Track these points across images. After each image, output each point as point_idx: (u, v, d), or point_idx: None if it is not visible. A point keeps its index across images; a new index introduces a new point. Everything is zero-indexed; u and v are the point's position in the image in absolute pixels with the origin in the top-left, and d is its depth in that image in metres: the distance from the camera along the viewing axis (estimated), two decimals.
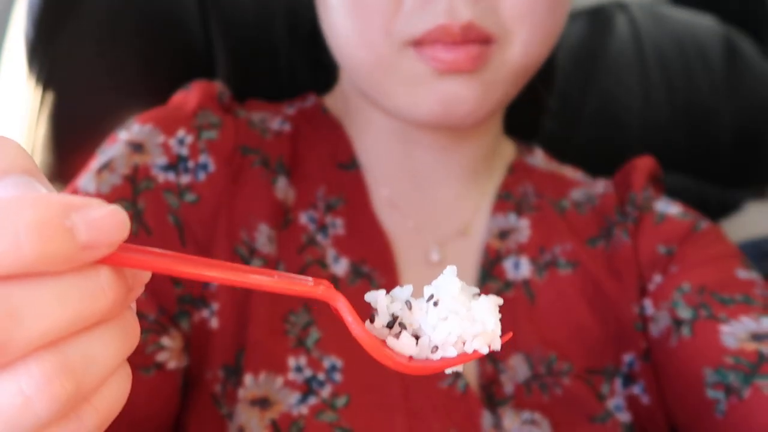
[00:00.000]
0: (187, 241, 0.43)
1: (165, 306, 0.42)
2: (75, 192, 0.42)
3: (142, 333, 0.39)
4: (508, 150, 0.57)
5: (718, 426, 0.41)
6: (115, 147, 0.44)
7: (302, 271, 0.46)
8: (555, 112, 0.85)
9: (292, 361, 0.42)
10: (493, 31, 0.40)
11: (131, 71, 0.55)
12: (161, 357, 0.41)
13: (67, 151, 0.53)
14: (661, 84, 0.89)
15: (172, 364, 0.41)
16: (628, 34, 0.85)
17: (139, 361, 0.39)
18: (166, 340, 0.41)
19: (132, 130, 0.45)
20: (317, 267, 0.46)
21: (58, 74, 0.51)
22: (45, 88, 0.51)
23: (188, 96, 0.48)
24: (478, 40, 0.40)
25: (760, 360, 0.40)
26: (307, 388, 0.42)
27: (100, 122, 0.53)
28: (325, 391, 0.42)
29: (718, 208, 0.83)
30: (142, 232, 0.42)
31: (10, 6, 0.54)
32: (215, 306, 0.43)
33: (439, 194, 0.51)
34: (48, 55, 0.51)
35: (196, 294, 0.43)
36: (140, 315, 0.40)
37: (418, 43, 0.40)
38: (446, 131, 0.49)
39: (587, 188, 0.56)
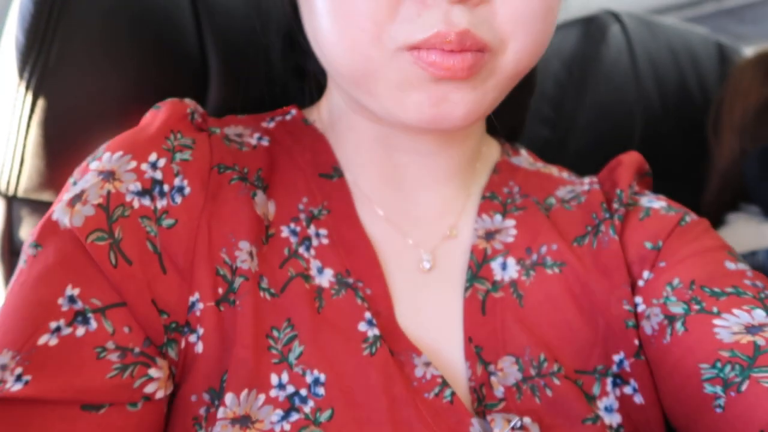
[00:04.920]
0: (167, 267, 0.42)
1: (153, 337, 0.41)
2: (52, 223, 0.41)
3: (128, 367, 0.39)
4: (492, 150, 0.57)
5: (717, 421, 0.40)
6: (86, 178, 0.43)
7: (285, 285, 0.45)
8: (550, 121, 0.85)
9: (274, 378, 0.42)
10: (488, 40, 0.40)
11: (124, 78, 0.54)
12: (149, 388, 0.40)
13: (59, 158, 0.53)
14: (655, 92, 0.89)
15: (159, 394, 0.41)
16: (622, 43, 0.85)
17: (127, 396, 0.39)
18: (153, 371, 0.40)
19: (102, 159, 0.44)
20: (300, 280, 0.45)
21: (49, 81, 0.51)
22: (36, 94, 0.51)
23: (158, 117, 0.47)
24: (473, 48, 0.40)
25: (756, 352, 0.40)
26: (290, 405, 0.41)
27: (92, 129, 0.53)
28: (308, 407, 0.41)
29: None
30: (122, 263, 0.41)
31: (4, 13, 0.54)
32: (201, 330, 0.42)
33: (425, 199, 0.51)
34: (39, 62, 0.50)
35: (182, 321, 0.42)
36: (125, 349, 0.39)
37: (414, 48, 0.40)
38: (432, 135, 0.48)
39: (573, 186, 0.56)
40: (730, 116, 0.90)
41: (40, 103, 0.51)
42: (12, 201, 0.55)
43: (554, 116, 0.85)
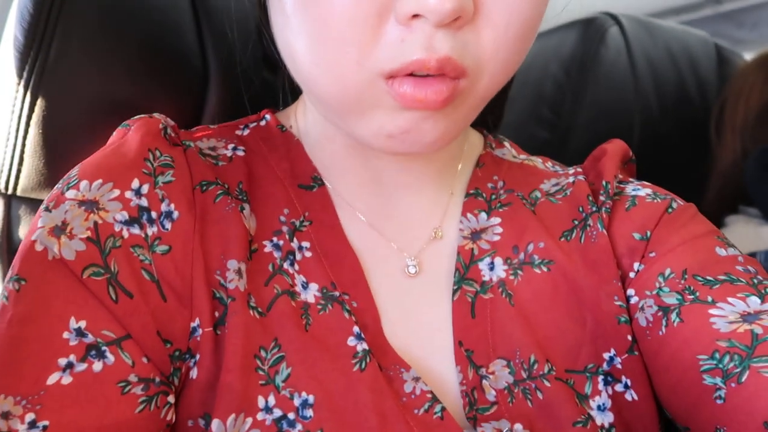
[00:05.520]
0: (167, 295, 0.41)
1: (162, 368, 0.40)
2: (36, 253, 0.38)
3: (153, 398, 0.39)
4: (475, 144, 0.56)
5: (718, 413, 0.40)
6: (64, 207, 0.40)
7: (271, 304, 0.43)
8: (549, 122, 0.85)
9: (261, 401, 0.41)
10: (468, 65, 0.38)
11: (123, 77, 0.54)
12: (170, 415, 0.40)
13: (57, 157, 0.53)
14: (653, 93, 0.89)
15: (173, 419, 0.41)
16: (621, 45, 0.86)
17: (155, 427, 0.39)
18: (171, 398, 0.40)
19: (80, 187, 0.41)
20: (286, 297, 0.44)
21: (48, 80, 0.51)
22: (35, 94, 0.51)
23: (131, 137, 0.45)
24: (451, 74, 0.38)
25: (754, 341, 0.39)
26: (277, 429, 0.40)
27: (91, 128, 0.53)
28: (296, 431, 0.40)
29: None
30: (123, 297, 0.39)
31: (3, 13, 0.54)
32: (198, 356, 0.41)
33: (407, 201, 0.50)
34: (38, 62, 0.51)
35: (184, 348, 0.42)
36: (148, 381, 0.39)
37: (390, 76, 0.38)
38: None
39: (558, 178, 0.55)
40: (732, 117, 0.90)
41: (39, 102, 0.51)
42: (11, 200, 0.55)
43: (553, 117, 0.85)
